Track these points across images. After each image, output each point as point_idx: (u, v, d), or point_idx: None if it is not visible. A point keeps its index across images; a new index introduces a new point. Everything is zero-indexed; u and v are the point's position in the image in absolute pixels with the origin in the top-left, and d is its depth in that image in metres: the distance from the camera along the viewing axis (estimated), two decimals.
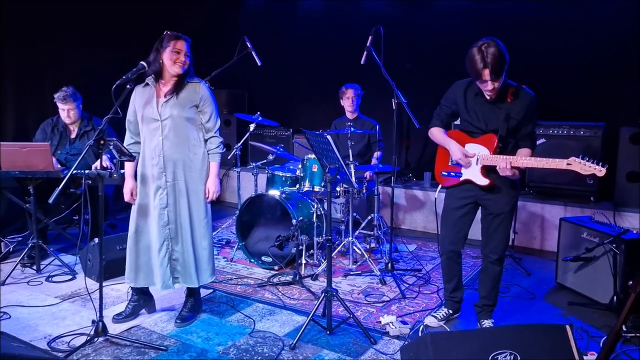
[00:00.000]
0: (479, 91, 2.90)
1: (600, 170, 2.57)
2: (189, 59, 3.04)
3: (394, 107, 4.01)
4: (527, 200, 4.92)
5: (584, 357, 2.55)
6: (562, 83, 5.09)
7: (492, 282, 3.13)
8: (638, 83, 4.56)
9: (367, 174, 4.58)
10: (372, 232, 4.66)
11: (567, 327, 2.28)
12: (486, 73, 2.69)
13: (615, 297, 3.34)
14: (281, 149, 4.72)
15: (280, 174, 4.57)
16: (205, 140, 3.16)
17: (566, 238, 3.85)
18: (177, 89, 3.04)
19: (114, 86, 2.75)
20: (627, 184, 4.48)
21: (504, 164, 2.78)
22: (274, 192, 4.32)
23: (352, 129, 4.35)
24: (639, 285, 1.25)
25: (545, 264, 4.43)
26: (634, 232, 3.48)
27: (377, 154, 4.79)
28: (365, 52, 3.95)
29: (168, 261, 3.14)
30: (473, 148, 2.96)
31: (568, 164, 2.63)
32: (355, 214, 4.59)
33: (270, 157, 4.76)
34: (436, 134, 3.13)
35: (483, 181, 2.93)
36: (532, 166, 2.76)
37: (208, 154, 3.16)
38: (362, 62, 3.96)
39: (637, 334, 2.96)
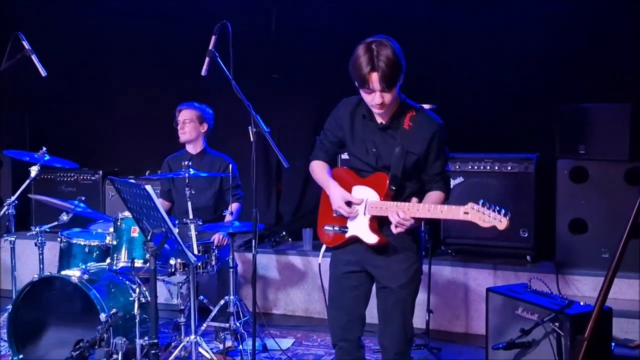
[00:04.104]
0: (367, 112, 3.06)
1: (500, 221, 2.76)
2: None
3: (252, 139, 4.04)
4: (445, 264, 5.18)
5: None
6: (481, 103, 5.50)
7: None
8: (575, 100, 4.99)
9: (216, 238, 4.57)
10: (228, 324, 4.58)
11: None
12: (374, 78, 2.82)
13: None
14: (82, 204, 4.60)
15: (82, 243, 4.48)
16: None
17: (496, 316, 4.06)
18: None
19: None
20: (570, 236, 4.90)
21: (396, 215, 2.88)
22: (72, 272, 4.20)
23: (192, 171, 4.34)
24: None
25: (473, 354, 4.65)
26: (581, 303, 3.74)
27: (232, 206, 4.77)
28: (207, 59, 3.97)
29: None
30: (360, 192, 3.07)
31: (465, 213, 2.81)
32: (201, 298, 4.56)
33: (65, 216, 4.62)
34: (317, 171, 3.23)
35: (371, 238, 3.02)
36: (426, 217, 2.93)
37: None
38: (202, 72, 3.97)
39: None
